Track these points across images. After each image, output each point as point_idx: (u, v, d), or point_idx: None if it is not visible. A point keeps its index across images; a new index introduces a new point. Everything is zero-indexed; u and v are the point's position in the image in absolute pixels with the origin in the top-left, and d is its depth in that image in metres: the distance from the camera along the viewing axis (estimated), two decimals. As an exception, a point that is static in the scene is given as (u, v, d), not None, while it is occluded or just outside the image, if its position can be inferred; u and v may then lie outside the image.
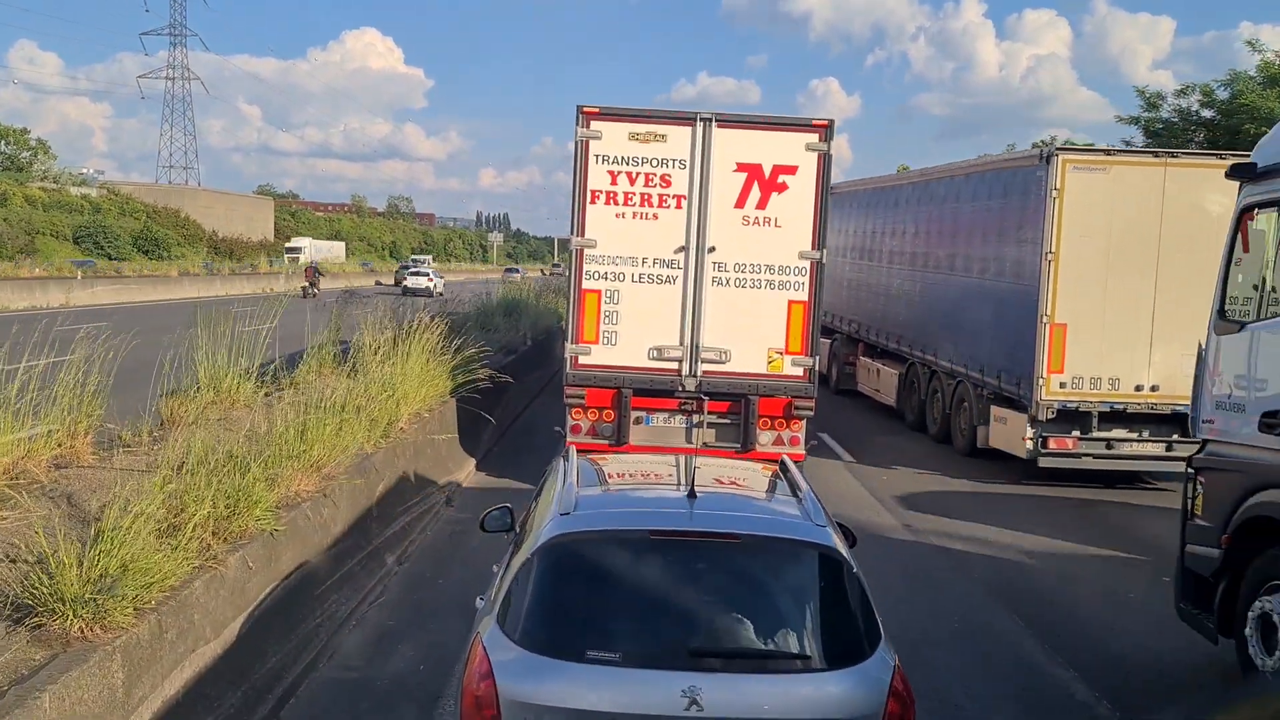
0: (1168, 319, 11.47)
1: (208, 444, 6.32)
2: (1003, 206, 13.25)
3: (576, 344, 10.79)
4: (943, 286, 15.07)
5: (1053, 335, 11.83)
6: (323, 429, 7.81)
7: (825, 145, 10.56)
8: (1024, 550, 9.79)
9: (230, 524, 5.85)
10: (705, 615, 3.99)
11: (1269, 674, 5.90)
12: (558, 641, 3.81)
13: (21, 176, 68.36)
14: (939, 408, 15.06)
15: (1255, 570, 6.13)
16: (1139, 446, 12.04)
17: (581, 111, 10.64)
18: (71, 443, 6.99)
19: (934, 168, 16.56)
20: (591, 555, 4.07)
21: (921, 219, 15.99)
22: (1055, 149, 12.31)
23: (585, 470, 4.96)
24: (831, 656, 3.88)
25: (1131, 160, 12.46)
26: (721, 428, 10.81)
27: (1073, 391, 11.94)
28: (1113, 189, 11.73)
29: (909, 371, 16.24)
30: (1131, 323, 11.64)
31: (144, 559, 4.76)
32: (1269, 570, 6.01)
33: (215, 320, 9.05)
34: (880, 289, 17.77)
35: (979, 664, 6.87)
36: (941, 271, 15.11)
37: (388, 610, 7.39)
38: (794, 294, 10.67)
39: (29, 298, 31.63)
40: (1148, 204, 10.96)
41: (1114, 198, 11.72)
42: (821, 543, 4.13)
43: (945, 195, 15.25)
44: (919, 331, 15.83)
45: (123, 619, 4.51)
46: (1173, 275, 11.03)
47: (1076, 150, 13.18)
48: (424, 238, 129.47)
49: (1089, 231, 11.72)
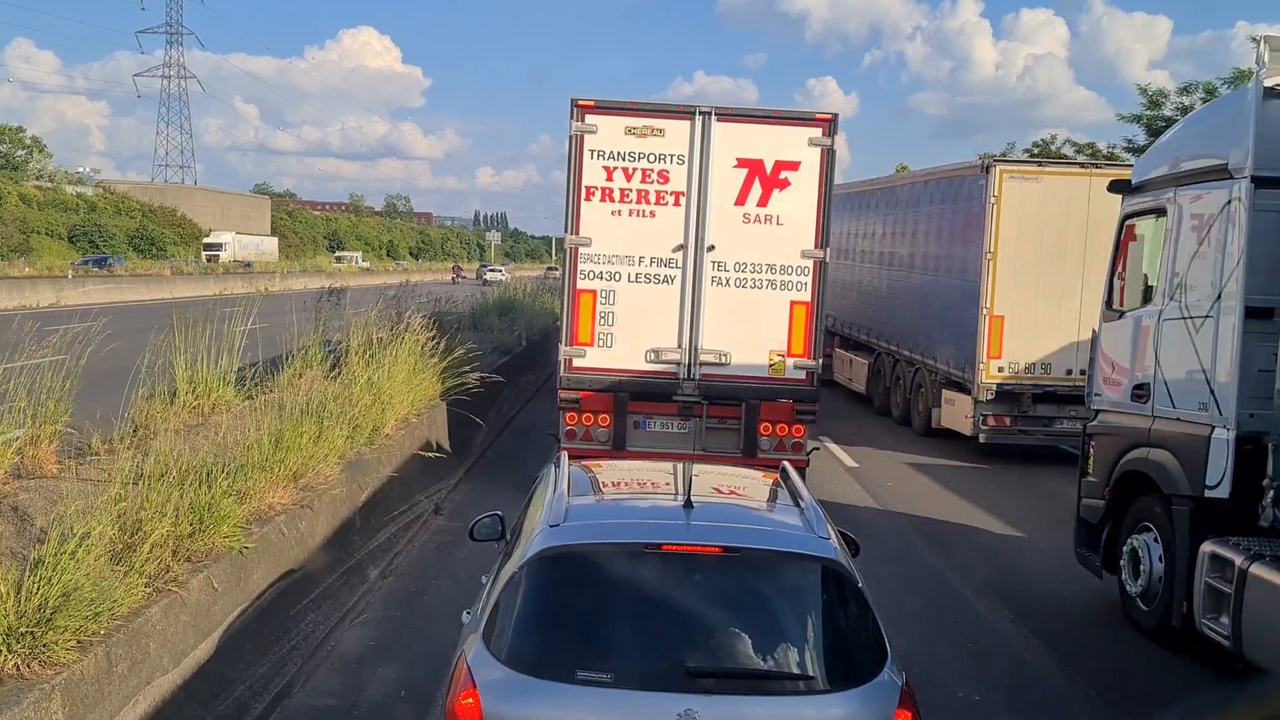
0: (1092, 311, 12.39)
1: (169, 455, 5.91)
2: (952, 211, 14.74)
3: (571, 346, 10.43)
4: (904, 283, 16.52)
5: (991, 325, 13.38)
6: (301, 436, 7.41)
7: (829, 140, 10.20)
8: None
9: (194, 542, 5.45)
10: (702, 633, 3.77)
11: (1136, 597, 7.54)
12: (547, 661, 3.63)
13: (17, 175, 68.07)
14: (900, 393, 16.63)
15: (1129, 515, 7.73)
16: (1067, 424, 13.12)
17: (576, 105, 10.25)
18: (34, 451, 6.59)
19: (898, 174, 18.98)
20: (582, 569, 3.88)
21: (888, 222, 17.37)
22: (994, 160, 13.75)
23: (577, 478, 4.75)
24: (835, 676, 3.70)
25: (1061, 171, 14.11)
26: (721, 432, 10.49)
27: (1009, 375, 13.47)
28: (1044, 196, 13.24)
29: (876, 361, 17.79)
30: (1060, 314, 12.96)
31: (90, 585, 4.36)
32: (1139, 515, 7.62)
33: (199, 321, 8.68)
34: (853, 286, 18.93)
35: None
36: (904, 269, 16.60)
37: (369, 629, 6.98)
38: (796, 294, 10.33)
39: (19, 297, 31.22)
40: (1075, 209, 12.16)
41: (1045, 204, 13.20)
42: (824, 556, 3.92)
43: (907, 200, 16.73)
44: (885, 324, 17.31)
45: (64, 653, 4.10)
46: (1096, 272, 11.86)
47: (1013, 162, 14.54)
48: (421, 237, 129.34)
49: (1024, 234, 13.22)
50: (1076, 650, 7.23)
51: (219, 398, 8.85)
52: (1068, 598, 8.47)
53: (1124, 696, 6.53)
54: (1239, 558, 6.37)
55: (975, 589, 8.49)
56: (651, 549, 3.88)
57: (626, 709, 3.53)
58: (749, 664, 3.72)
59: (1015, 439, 13.80)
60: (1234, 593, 6.34)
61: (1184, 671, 6.91)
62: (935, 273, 15.23)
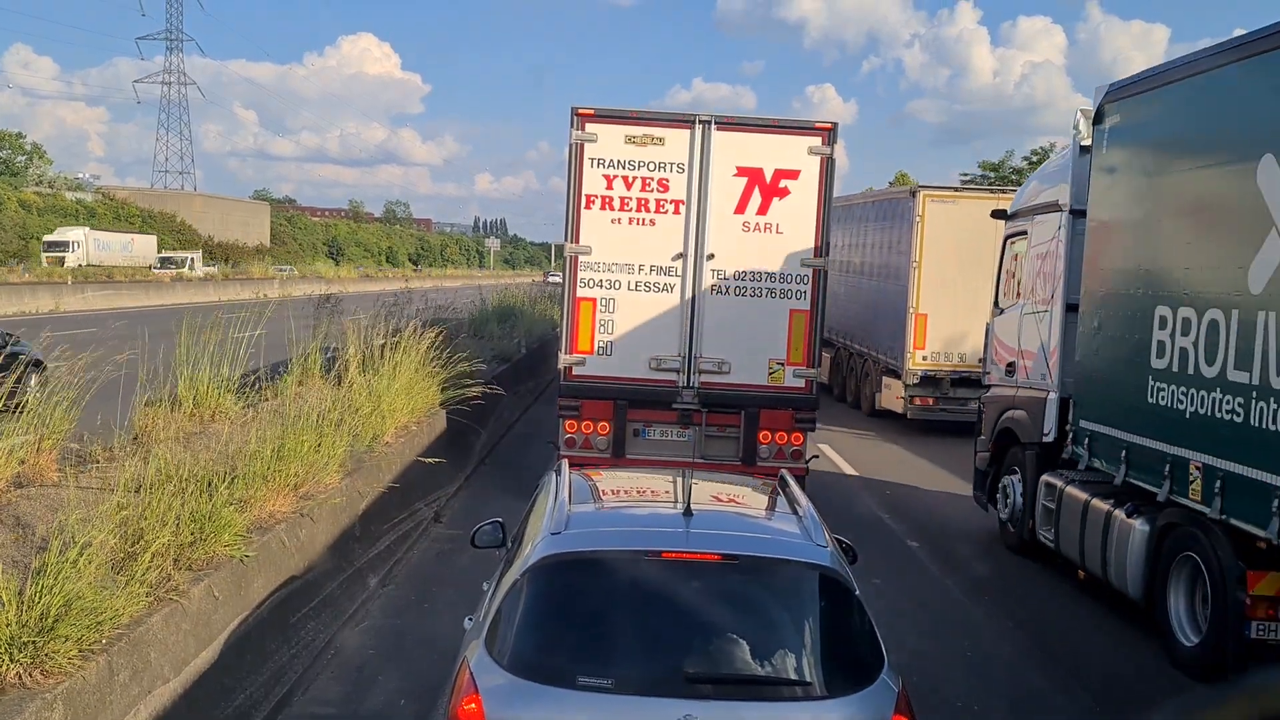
0: None
1: (171, 463, 5.92)
2: (890, 227, 17.89)
3: (571, 354, 10.44)
4: (857, 287, 19.49)
5: (917, 322, 16.45)
6: (301, 445, 7.42)
7: (828, 149, 10.25)
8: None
9: (195, 551, 5.45)
10: (701, 639, 3.81)
11: (1005, 522, 10.20)
12: (548, 667, 3.66)
13: (16, 181, 68.10)
14: (854, 381, 19.84)
15: (1005, 462, 10.42)
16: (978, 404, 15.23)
17: (576, 113, 10.29)
18: (35, 459, 6.60)
19: (857, 194, 22.12)
20: (583, 577, 3.92)
21: (847, 234, 19.86)
22: (919, 187, 17.01)
23: (578, 486, 4.77)
24: (833, 682, 3.72)
25: (972, 194, 17.75)
26: (721, 440, 10.51)
27: (931, 363, 16.58)
28: (960, 216, 16.12)
29: (836, 355, 20.52)
30: (973, 313, 14.78)
31: (91, 594, 4.36)
32: (1009, 461, 10.31)
33: (201, 327, 8.69)
34: None
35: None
36: (857, 275, 19.59)
37: (369, 637, 6.99)
38: (796, 303, 10.36)
39: (19, 303, 31.24)
40: (985, 227, 13.53)
41: (961, 222, 16.01)
42: (822, 564, 3.96)
43: (860, 216, 19.73)
44: (844, 323, 20.00)
45: (66, 662, 4.11)
46: None
47: (934, 188, 17.28)
48: (421, 243, 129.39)
49: (943, 246, 16.14)
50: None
51: (219, 406, 8.86)
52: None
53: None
54: (1059, 482, 9.00)
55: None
56: (651, 556, 3.89)
57: (627, 714, 3.56)
58: (747, 670, 3.75)
59: (938, 415, 16.67)
60: (1055, 508, 8.98)
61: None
62: (878, 278, 18.31)
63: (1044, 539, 9.25)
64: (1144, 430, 7.75)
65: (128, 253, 62.05)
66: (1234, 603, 6.52)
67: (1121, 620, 8.08)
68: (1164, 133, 8.02)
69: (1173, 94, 7.71)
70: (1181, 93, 7.57)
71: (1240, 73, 6.84)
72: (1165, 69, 7.95)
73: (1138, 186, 8.27)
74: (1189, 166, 7.61)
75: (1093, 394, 8.69)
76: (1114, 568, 7.96)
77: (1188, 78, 7.47)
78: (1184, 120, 7.68)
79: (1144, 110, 8.18)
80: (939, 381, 16.51)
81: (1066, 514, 8.74)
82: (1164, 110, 7.91)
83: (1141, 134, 8.31)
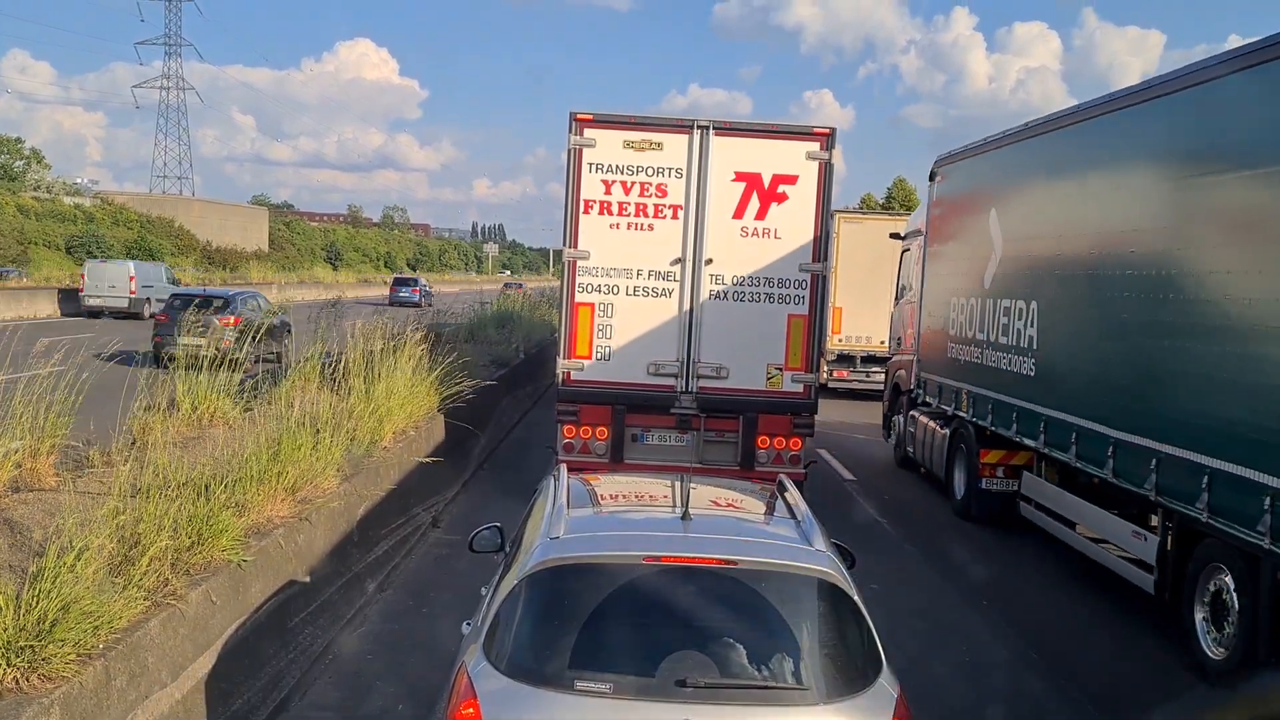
0: None
1: (167, 468, 5.91)
2: None
3: (569, 359, 10.42)
4: None
5: (834, 313, 20.87)
6: (299, 449, 7.41)
7: (826, 154, 10.25)
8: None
9: (192, 555, 5.44)
10: (699, 644, 3.79)
11: (894, 446, 15.25)
12: (546, 671, 3.68)
13: (14, 186, 67.98)
14: None
15: (896, 406, 15.08)
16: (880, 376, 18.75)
17: (575, 118, 10.27)
18: (33, 464, 6.59)
19: None
20: (581, 581, 3.92)
21: None
22: (835, 211, 20.19)
23: (576, 490, 4.77)
24: (830, 688, 3.73)
25: (876, 217, 24.39)
26: (719, 445, 10.51)
27: (846, 345, 21.53)
28: (866, 232, 20.94)
29: None
30: (877, 307, 18.77)
31: (88, 599, 4.35)
32: (897, 407, 14.96)
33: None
34: None
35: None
36: None
37: (367, 642, 6.98)
38: (794, 308, 10.35)
39: (16, 309, 31.18)
40: (884, 240, 17.51)
41: (866, 237, 20.57)
42: (820, 569, 3.95)
43: None
44: None
45: (63, 667, 4.10)
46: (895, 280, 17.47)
47: (846, 211, 23.06)
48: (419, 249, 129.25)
49: (854, 255, 20.72)
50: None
51: (217, 410, 8.85)
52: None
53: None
54: (917, 414, 13.60)
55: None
56: (650, 561, 3.90)
57: (625, 719, 3.55)
58: (745, 675, 3.75)
59: (852, 385, 21.53)
60: (914, 431, 13.68)
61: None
62: None
63: (909, 453, 14.15)
64: (945, 374, 12.55)
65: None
66: (974, 465, 11.39)
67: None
68: (955, 190, 12.84)
69: (958, 167, 12.66)
70: (963, 167, 12.53)
71: (981, 161, 11.88)
72: (957, 152, 12.65)
73: (946, 223, 12.98)
74: (964, 213, 12.37)
75: (926, 354, 13.48)
76: (934, 461, 12.85)
77: (963, 159, 12.45)
78: (963, 184, 12.62)
79: (950, 175, 12.97)
80: (851, 359, 21.60)
81: (917, 433, 13.59)
82: (956, 177, 12.78)
83: (948, 190, 13.04)
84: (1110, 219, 8.66)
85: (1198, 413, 7.05)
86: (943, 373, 12.49)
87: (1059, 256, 9.53)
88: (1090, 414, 8.62)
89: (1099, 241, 8.76)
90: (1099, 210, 8.86)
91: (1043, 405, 9.58)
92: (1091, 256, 8.86)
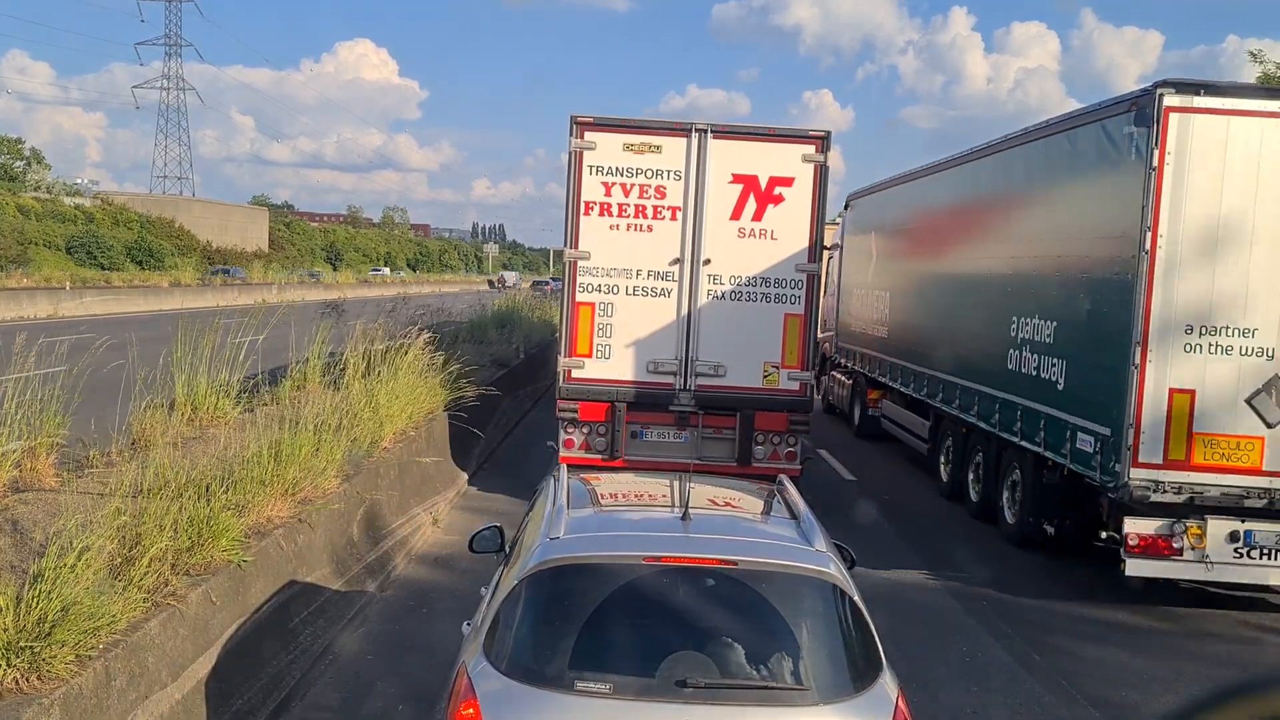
0: None
1: (168, 468, 5.92)
2: None
3: (570, 357, 10.57)
4: None
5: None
6: (299, 450, 7.42)
7: (822, 156, 10.43)
8: None
9: (192, 556, 5.45)
10: (699, 644, 3.80)
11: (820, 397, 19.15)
12: (546, 672, 3.68)
13: (15, 186, 67.99)
14: None
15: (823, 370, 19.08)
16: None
17: (575, 121, 10.42)
18: (32, 464, 6.61)
19: None
20: (581, 582, 3.92)
21: None
22: None
23: (576, 490, 4.78)
24: (831, 688, 3.74)
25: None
26: (717, 442, 10.65)
27: None
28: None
29: None
30: None
31: (89, 599, 4.36)
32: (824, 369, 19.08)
33: (200, 332, 8.71)
34: None
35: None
36: None
37: (367, 643, 6.98)
38: (790, 307, 10.53)
39: (17, 309, 31.18)
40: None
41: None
42: (821, 569, 3.95)
43: None
44: None
45: (63, 668, 4.11)
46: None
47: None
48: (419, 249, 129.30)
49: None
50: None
51: (217, 410, 8.87)
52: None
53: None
54: (834, 372, 18.72)
55: None
56: (650, 561, 3.90)
57: (625, 719, 3.56)
58: (745, 675, 3.75)
59: None
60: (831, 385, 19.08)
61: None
62: None
63: (830, 401, 19.09)
64: (849, 343, 17.47)
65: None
66: (864, 402, 16.54)
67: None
68: (855, 217, 17.69)
69: (858, 202, 17.60)
70: (860, 202, 17.46)
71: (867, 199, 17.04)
72: (858, 192, 17.79)
73: (851, 239, 17.75)
74: (859, 232, 17.25)
75: (840, 331, 18.24)
76: (844, 402, 18.03)
77: (861, 197, 17.41)
78: (860, 214, 17.37)
79: (855, 206, 17.84)
80: None
81: (833, 386, 18.84)
82: (857, 208, 17.67)
83: (852, 216, 17.94)
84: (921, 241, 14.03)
85: (955, 355, 12.03)
86: (848, 342, 17.74)
87: (897, 260, 15.06)
88: (913, 360, 13.53)
89: (915, 250, 14.27)
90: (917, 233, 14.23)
91: (893, 356, 14.58)
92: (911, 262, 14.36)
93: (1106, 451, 8.24)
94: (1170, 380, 7.94)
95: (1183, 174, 7.83)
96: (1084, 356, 8.85)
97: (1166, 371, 7.94)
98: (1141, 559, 8.18)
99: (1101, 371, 8.47)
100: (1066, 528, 9.59)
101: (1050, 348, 9.40)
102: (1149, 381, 7.94)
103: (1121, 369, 8.05)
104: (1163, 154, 7.81)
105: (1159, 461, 7.98)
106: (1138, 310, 7.90)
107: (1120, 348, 8.09)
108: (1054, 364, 9.30)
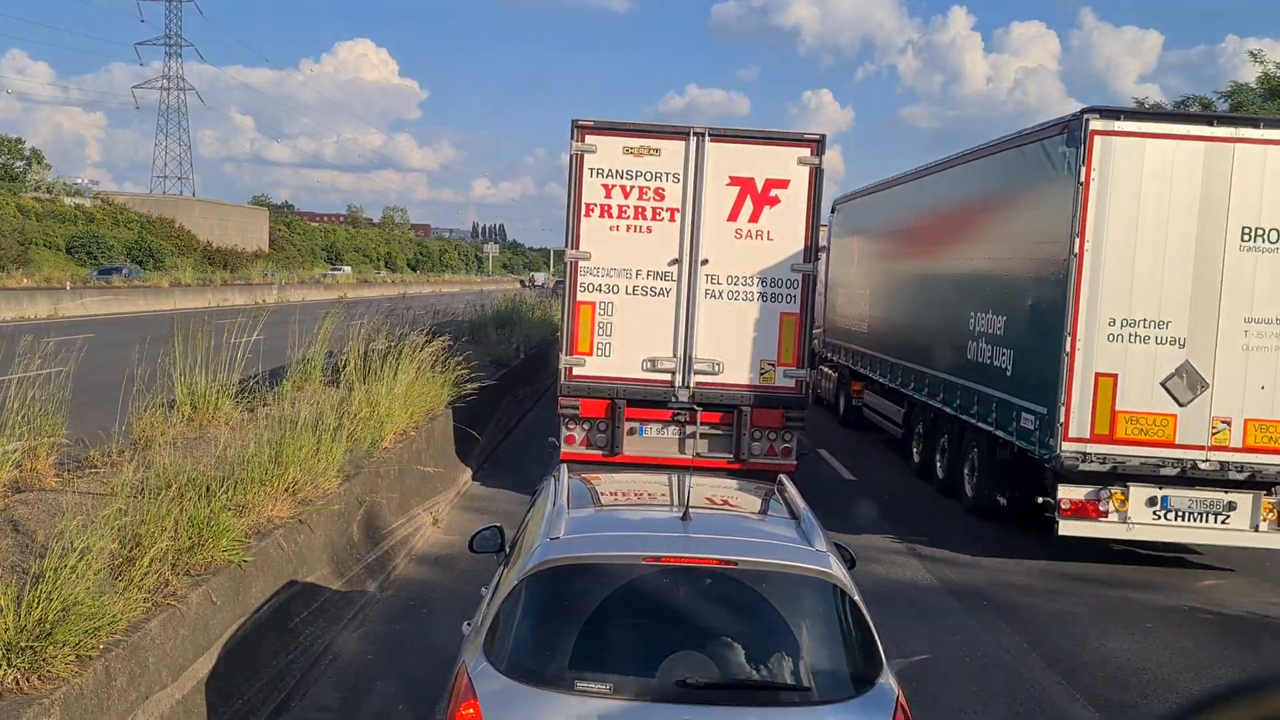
0: None
1: (168, 468, 5.93)
2: None
3: (571, 355, 10.73)
4: None
5: None
6: (300, 450, 7.43)
7: (817, 159, 10.60)
8: None
9: (193, 556, 5.46)
10: (700, 644, 3.80)
11: (812, 390, 17.24)
12: (546, 672, 3.68)
13: (15, 186, 67.99)
14: None
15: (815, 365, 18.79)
16: None
17: (576, 125, 10.60)
18: (32, 464, 6.62)
19: None
20: (581, 582, 3.92)
21: None
22: None
23: (576, 490, 4.79)
24: (831, 688, 3.74)
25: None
26: (714, 438, 10.82)
27: None
28: None
29: None
30: None
31: (89, 599, 4.38)
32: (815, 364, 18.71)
33: (199, 332, 8.73)
34: None
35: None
36: None
37: (367, 643, 6.99)
38: (786, 306, 10.70)
39: (17, 309, 31.21)
40: None
41: None
42: (821, 569, 3.95)
43: None
44: None
45: (63, 668, 4.12)
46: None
47: None
48: (419, 249, 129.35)
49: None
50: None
51: (218, 410, 8.89)
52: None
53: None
54: (822, 366, 19.67)
55: None
56: (650, 561, 3.90)
57: (625, 719, 3.56)
58: (745, 675, 3.76)
59: None
60: (820, 379, 19.55)
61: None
62: None
63: (818, 393, 19.00)
64: (835, 339, 18.57)
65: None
66: (850, 391, 17.62)
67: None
68: (842, 221, 18.67)
69: (844, 206, 18.66)
70: (846, 206, 18.54)
71: (851, 205, 18.14)
72: (844, 196, 18.96)
73: (839, 244, 18.56)
74: (845, 235, 18.31)
75: (827, 328, 18.86)
76: (830, 394, 19.16)
77: (847, 202, 18.54)
78: (846, 217, 18.44)
79: (841, 210, 18.79)
80: None
81: (821, 380, 19.35)
82: (843, 212, 18.68)
83: (839, 220, 18.78)
84: (895, 243, 15.28)
85: (925, 347, 13.08)
86: (834, 338, 18.79)
87: (875, 261, 16.35)
88: (890, 353, 14.63)
89: (890, 252, 15.54)
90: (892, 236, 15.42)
91: (872, 350, 15.71)
92: (887, 263, 15.64)
93: (1044, 428, 9.37)
94: (1096, 365, 9.09)
95: (1106, 188, 8.95)
96: (1027, 346, 10.00)
97: (1093, 358, 9.08)
98: (1073, 520, 9.36)
99: (1040, 359, 9.57)
100: (1016, 499, 10.63)
101: (1001, 339, 10.56)
102: (1078, 366, 9.08)
103: (1055, 356, 9.19)
104: (1089, 171, 8.93)
105: (1087, 436, 9.13)
106: (1069, 305, 9.03)
107: (1054, 338, 9.23)
108: (1004, 353, 10.49)
